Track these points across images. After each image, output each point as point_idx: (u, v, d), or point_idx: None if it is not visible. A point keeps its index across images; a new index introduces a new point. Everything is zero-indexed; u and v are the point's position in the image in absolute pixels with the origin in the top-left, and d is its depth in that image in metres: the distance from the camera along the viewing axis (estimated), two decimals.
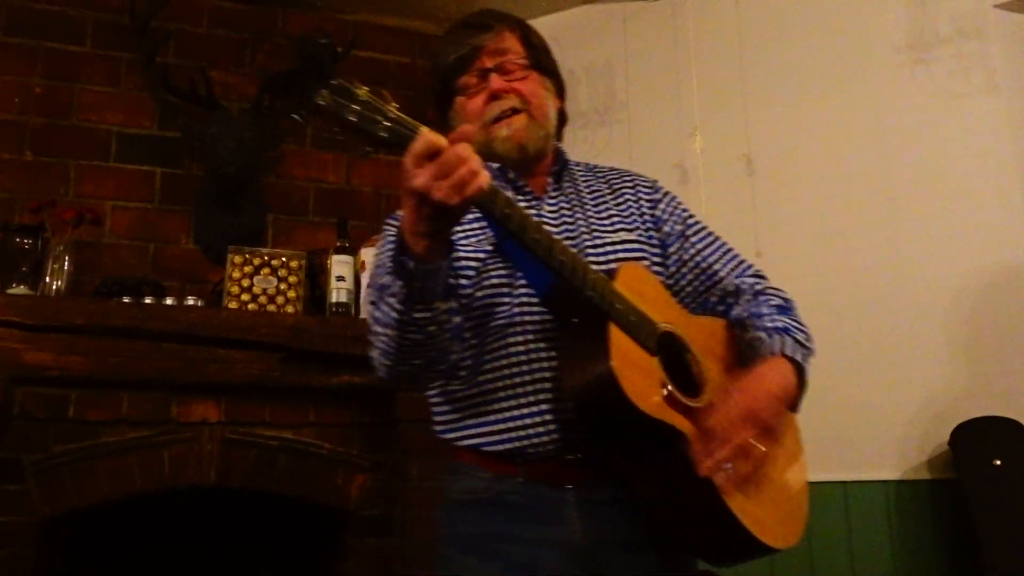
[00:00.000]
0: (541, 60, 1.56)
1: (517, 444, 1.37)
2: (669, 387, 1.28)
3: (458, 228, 1.42)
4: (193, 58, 3.11)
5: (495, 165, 1.52)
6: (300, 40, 2.98)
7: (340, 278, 2.88)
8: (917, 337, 2.68)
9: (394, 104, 1.11)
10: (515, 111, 1.49)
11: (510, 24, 1.56)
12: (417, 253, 1.16)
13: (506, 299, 1.40)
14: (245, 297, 2.83)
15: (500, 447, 1.38)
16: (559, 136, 1.63)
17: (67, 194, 2.90)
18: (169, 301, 2.71)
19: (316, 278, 2.99)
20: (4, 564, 2.40)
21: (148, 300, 2.68)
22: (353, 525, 2.78)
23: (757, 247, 2.92)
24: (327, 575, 2.91)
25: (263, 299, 2.84)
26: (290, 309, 2.86)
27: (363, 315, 2.73)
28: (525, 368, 1.38)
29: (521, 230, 1.21)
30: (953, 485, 2.52)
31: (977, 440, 2.47)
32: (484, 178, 1.11)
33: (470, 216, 1.37)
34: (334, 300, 2.87)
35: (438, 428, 1.49)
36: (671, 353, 1.35)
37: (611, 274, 1.34)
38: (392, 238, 1.26)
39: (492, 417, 1.39)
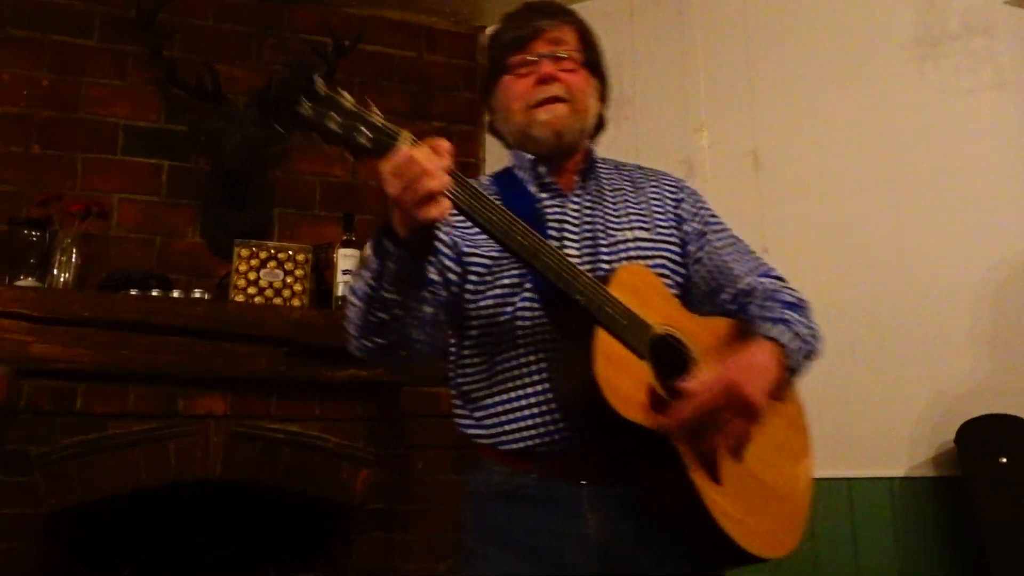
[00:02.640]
0: (593, 60, 1.59)
1: (530, 443, 1.39)
2: (657, 390, 1.28)
3: (470, 228, 1.45)
4: (199, 52, 3.11)
5: (529, 157, 1.54)
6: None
7: (346, 272, 2.88)
8: (923, 334, 2.67)
9: (378, 113, 1.13)
10: (558, 99, 1.51)
11: (572, 19, 1.60)
12: (400, 236, 1.19)
13: (515, 300, 1.42)
14: (251, 291, 2.83)
15: (514, 446, 1.40)
16: (593, 139, 1.65)
17: (74, 187, 2.91)
18: (176, 294, 2.72)
19: (322, 272, 3.00)
20: (10, 556, 2.41)
21: (155, 293, 2.69)
22: (358, 519, 2.78)
23: (763, 243, 2.91)
24: (332, 568, 2.92)
25: (269, 293, 2.84)
26: (296, 303, 2.87)
27: None
28: (535, 368, 1.40)
29: (506, 236, 1.23)
30: (958, 482, 2.52)
31: (983, 438, 2.47)
32: (445, 204, 1.14)
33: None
34: (340, 294, 2.87)
35: (459, 423, 1.52)
36: (669, 355, 1.35)
37: (608, 276, 1.35)
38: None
39: (505, 417, 1.42)
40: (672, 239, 1.55)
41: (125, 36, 3.05)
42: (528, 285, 1.41)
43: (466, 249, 1.45)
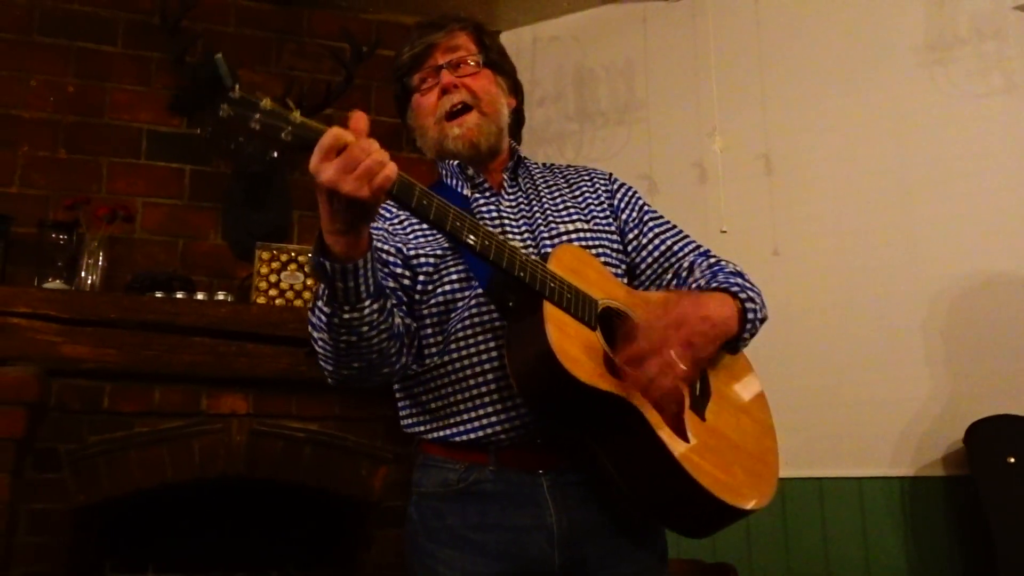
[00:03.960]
0: (494, 59, 1.61)
1: (485, 433, 1.40)
2: (611, 357, 1.28)
3: (416, 227, 1.49)
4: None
5: (454, 162, 1.57)
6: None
7: None
8: (933, 335, 2.71)
9: (298, 112, 1.13)
10: (465, 106, 1.54)
11: (463, 24, 1.61)
12: (335, 252, 1.19)
13: (464, 294, 1.44)
14: (273, 292, 2.89)
15: (469, 436, 1.41)
16: (517, 137, 1.68)
17: (99, 191, 2.98)
18: (200, 296, 2.78)
19: None
20: (40, 550, 2.48)
21: (179, 295, 2.75)
22: (376, 516, 2.84)
23: (775, 246, 2.97)
24: (351, 564, 2.97)
25: (290, 294, 2.90)
26: None
27: None
28: (485, 358, 1.40)
29: (441, 219, 1.22)
30: (967, 482, 2.56)
31: (991, 438, 2.51)
32: (391, 169, 1.13)
33: None
34: None
35: (405, 423, 1.53)
36: (614, 327, 1.36)
37: (545, 257, 1.36)
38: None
39: (458, 408, 1.42)
40: (610, 228, 1.59)
41: (149, 42, 3.12)
42: (475, 281, 1.43)
43: (410, 252, 1.47)
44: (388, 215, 1.53)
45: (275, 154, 1.14)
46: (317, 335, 1.33)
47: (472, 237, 1.24)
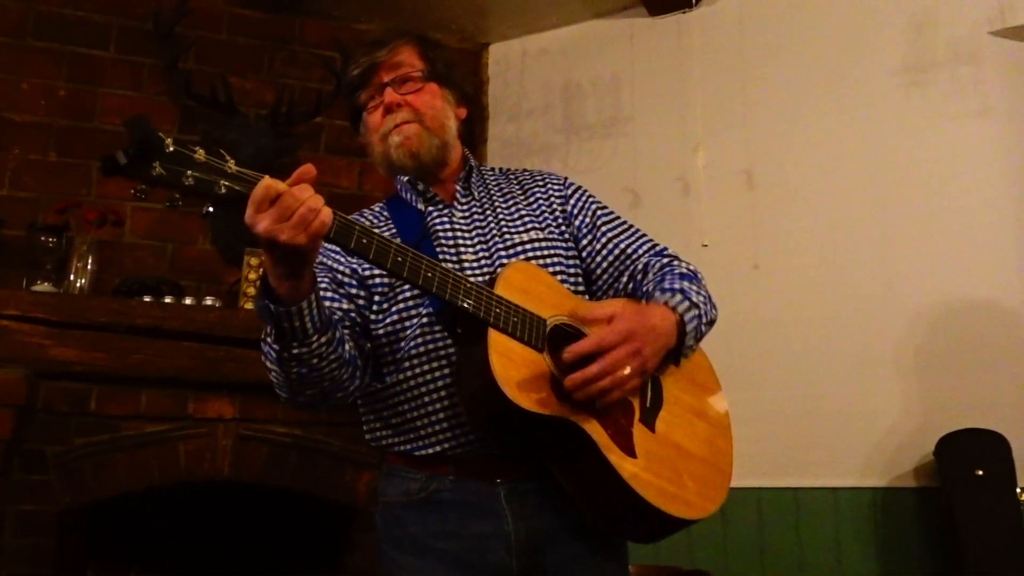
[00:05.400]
0: (439, 72, 1.61)
1: (443, 448, 1.42)
2: (561, 381, 1.31)
3: None
4: (212, 64, 3.21)
5: (405, 178, 1.60)
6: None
7: None
8: (907, 350, 2.78)
9: (232, 161, 1.13)
10: (407, 123, 1.54)
11: (407, 39, 1.61)
12: (280, 294, 1.20)
13: (417, 311, 1.45)
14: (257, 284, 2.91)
15: (429, 451, 1.44)
16: (470, 144, 1.69)
17: (89, 195, 3.00)
18: (188, 301, 2.81)
19: None
20: (27, 552, 2.50)
21: (168, 300, 2.78)
22: (360, 520, 2.87)
23: (756, 259, 3.03)
24: (335, 568, 3.00)
25: None
26: None
27: None
28: (438, 375, 1.43)
29: (381, 256, 1.22)
30: (938, 493, 2.63)
31: (961, 451, 2.57)
32: (326, 214, 1.14)
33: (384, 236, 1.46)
34: None
35: (368, 435, 1.55)
36: (567, 343, 1.36)
37: (493, 279, 1.37)
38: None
39: (416, 424, 1.45)
40: (564, 238, 1.60)
41: (141, 48, 3.15)
42: (427, 299, 1.44)
43: (365, 272, 1.48)
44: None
45: (209, 208, 1.12)
46: (270, 366, 1.34)
47: (413, 272, 1.25)
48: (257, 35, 3.34)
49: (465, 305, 1.29)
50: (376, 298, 1.48)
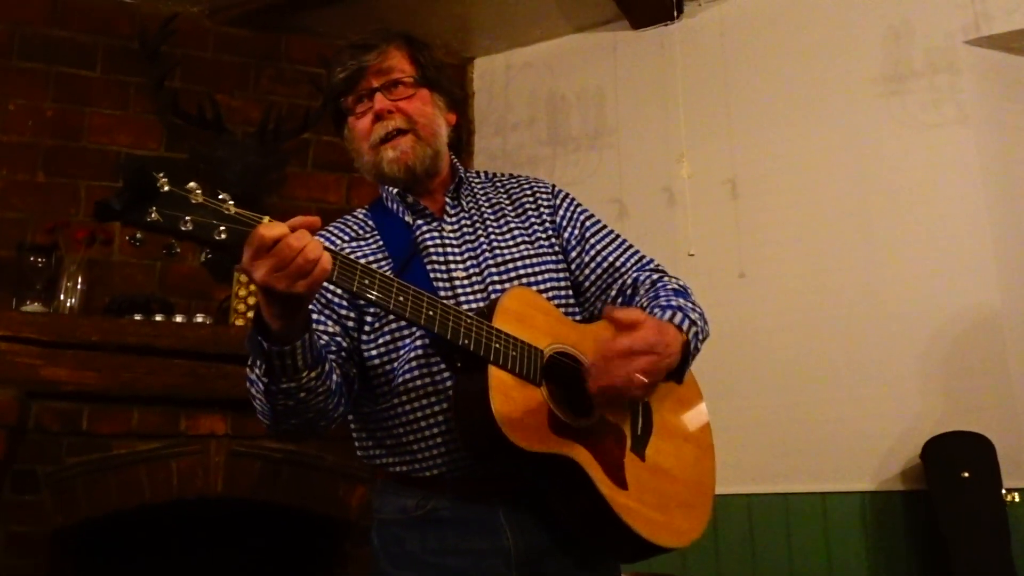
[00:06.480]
0: (430, 76, 1.56)
1: (440, 471, 1.42)
2: (555, 412, 1.32)
3: (368, 259, 1.47)
4: (198, 83, 3.23)
5: (394, 190, 1.55)
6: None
7: None
8: (891, 356, 2.82)
9: (231, 202, 1.09)
10: (400, 131, 1.49)
11: (397, 42, 1.55)
12: (274, 330, 1.18)
13: (411, 331, 1.43)
14: (251, 314, 2.92)
15: (426, 473, 1.43)
16: (458, 151, 1.66)
17: (78, 214, 3.01)
18: (179, 319, 2.82)
19: None
20: (20, 572, 2.49)
21: (158, 318, 2.78)
22: (353, 535, 2.88)
23: (741, 268, 3.07)
24: None
25: None
26: None
27: None
28: (435, 400, 1.41)
29: (384, 298, 1.21)
30: (924, 496, 2.66)
31: (946, 454, 2.61)
32: (325, 262, 1.12)
33: (377, 255, 1.45)
34: None
35: (362, 454, 1.54)
36: (563, 372, 1.38)
37: (492, 308, 1.35)
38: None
39: (412, 447, 1.43)
40: (554, 249, 1.57)
41: (127, 68, 3.17)
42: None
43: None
44: (337, 243, 1.52)
45: (208, 254, 1.06)
46: (255, 393, 1.32)
47: (415, 312, 1.24)
48: (243, 53, 3.36)
49: (465, 343, 1.27)
50: (368, 319, 1.46)
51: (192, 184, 1.06)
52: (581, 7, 3.43)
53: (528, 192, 1.64)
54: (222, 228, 1.07)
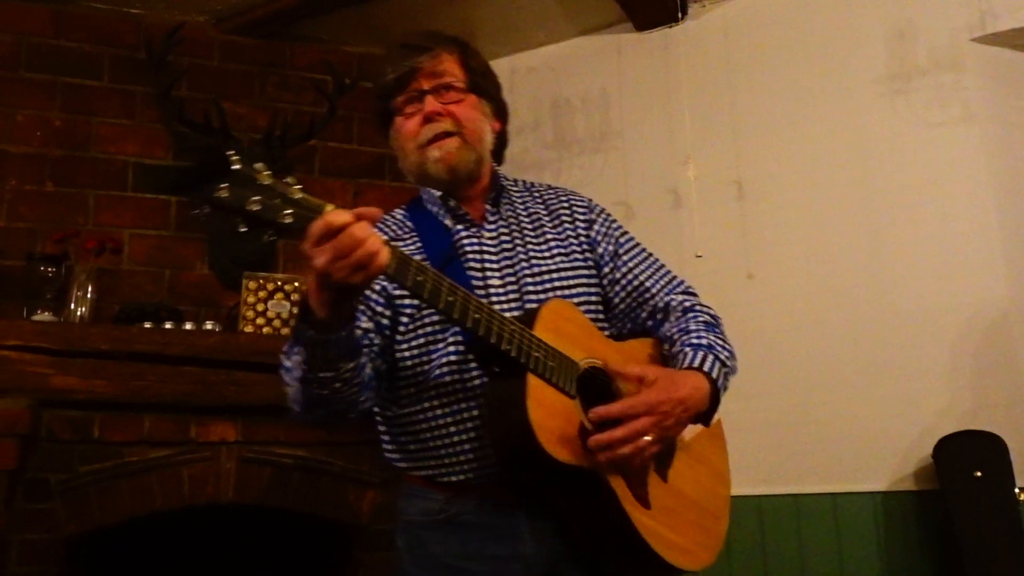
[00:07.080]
0: (479, 83, 1.58)
1: (466, 477, 1.43)
2: (587, 426, 1.33)
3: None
4: (205, 91, 3.24)
5: (437, 193, 1.57)
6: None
7: None
8: (901, 356, 2.81)
9: (297, 185, 1.11)
10: (447, 133, 1.51)
11: (449, 47, 1.57)
12: (319, 317, 1.19)
13: (444, 336, 1.44)
14: (260, 321, 2.94)
15: (452, 478, 1.44)
16: (499, 158, 1.67)
17: (87, 223, 3.02)
18: (188, 326, 2.83)
19: None
20: None
21: (168, 325, 2.79)
22: (364, 539, 2.88)
23: (748, 269, 3.06)
24: None
25: (277, 323, 2.96)
26: None
27: None
28: (464, 406, 1.43)
29: (434, 296, 1.22)
30: (937, 496, 2.65)
31: (959, 453, 2.60)
32: (383, 256, 1.13)
33: (415, 256, 1.45)
34: None
35: (389, 456, 1.55)
36: (596, 387, 1.40)
37: (532, 316, 1.37)
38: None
39: (439, 452, 1.45)
40: (588, 264, 1.59)
41: (134, 77, 3.18)
42: (453, 327, 1.43)
43: (395, 292, 1.46)
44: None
45: (272, 235, 1.05)
46: (288, 379, 1.34)
47: (463, 313, 1.25)
48: (248, 61, 3.37)
49: (508, 348, 1.28)
50: (403, 319, 1.46)
51: (260, 165, 1.08)
52: (585, 10, 3.43)
53: (565, 204, 1.66)
54: (288, 211, 1.08)
